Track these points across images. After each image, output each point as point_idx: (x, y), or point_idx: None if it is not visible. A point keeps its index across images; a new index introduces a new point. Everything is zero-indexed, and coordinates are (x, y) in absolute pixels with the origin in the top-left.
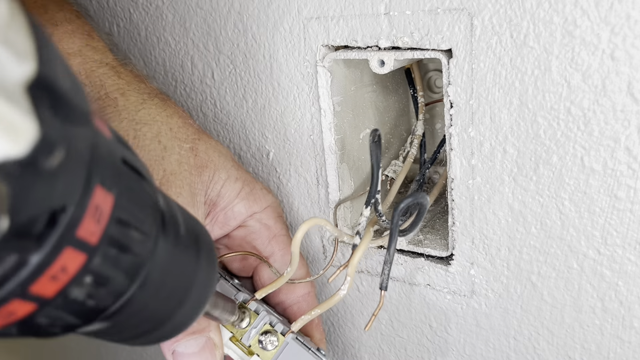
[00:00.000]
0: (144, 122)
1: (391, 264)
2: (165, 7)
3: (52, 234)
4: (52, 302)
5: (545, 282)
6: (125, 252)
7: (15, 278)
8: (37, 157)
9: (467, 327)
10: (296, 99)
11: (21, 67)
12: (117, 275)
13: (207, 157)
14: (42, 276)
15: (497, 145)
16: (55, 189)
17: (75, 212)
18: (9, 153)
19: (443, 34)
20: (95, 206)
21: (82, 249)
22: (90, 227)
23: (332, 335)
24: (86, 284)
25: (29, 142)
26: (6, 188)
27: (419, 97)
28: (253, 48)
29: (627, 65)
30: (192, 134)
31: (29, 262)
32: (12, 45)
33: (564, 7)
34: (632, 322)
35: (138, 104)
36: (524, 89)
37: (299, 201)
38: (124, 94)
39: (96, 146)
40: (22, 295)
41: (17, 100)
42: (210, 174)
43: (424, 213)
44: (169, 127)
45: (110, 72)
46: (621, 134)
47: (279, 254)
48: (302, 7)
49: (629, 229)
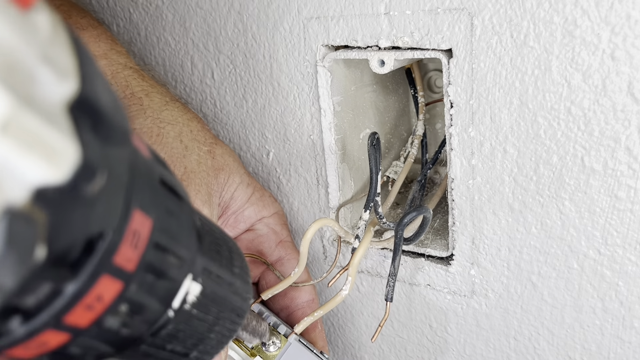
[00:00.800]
0: (167, 121)
1: (396, 276)
2: (165, 7)
3: (89, 262)
4: (86, 332)
5: (545, 282)
6: (162, 278)
7: (49, 308)
8: (78, 183)
9: (467, 327)
10: (296, 99)
11: (63, 87)
12: (152, 303)
13: (223, 160)
14: (77, 306)
15: (497, 145)
16: (93, 216)
17: (113, 238)
18: (50, 179)
19: (443, 33)
20: (134, 231)
21: (119, 276)
22: (128, 253)
23: (333, 335)
24: (121, 313)
25: (70, 168)
26: (45, 216)
27: (420, 97)
28: (253, 48)
29: (628, 65)
30: (210, 138)
31: (65, 291)
32: (53, 63)
33: (564, 7)
34: (632, 322)
35: (162, 104)
36: (524, 88)
37: (299, 201)
38: (148, 94)
39: (135, 167)
40: (56, 325)
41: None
42: (226, 177)
43: (427, 225)
44: (189, 129)
45: (135, 74)
46: (621, 134)
47: (285, 258)
48: (302, 7)
49: (629, 229)
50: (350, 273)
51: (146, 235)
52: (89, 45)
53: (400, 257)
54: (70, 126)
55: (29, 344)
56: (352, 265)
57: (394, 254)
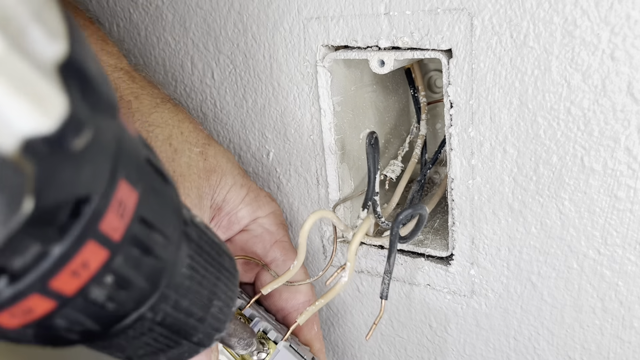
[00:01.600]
0: (156, 124)
1: (391, 273)
2: (165, 7)
3: (75, 224)
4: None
5: (545, 282)
6: (148, 255)
7: (35, 270)
8: (65, 135)
9: (467, 327)
10: (296, 99)
11: (53, 46)
12: (139, 279)
13: (215, 161)
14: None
15: (497, 145)
16: (80, 175)
17: (99, 203)
18: (38, 128)
19: (443, 34)
20: (119, 201)
21: (105, 244)
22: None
23: (332, 335)
24: (107, 285)
25: (58, 118)
26: (33, 168)
27: (421, 97)
28: (253, 48)
29: (627, 65)
30: (202, 139)
31: (51, 253)
32: (45, 23)
33: (564, 7)
34: (632, 322)
35: (151, 107)
36: (524, 89)
37: (299, 201)
38: (138, 97)
39: (122, 140)
40: (42, 290)
41: (49, 75)
42: (218, 179)
43: (423, 222)
44: (180, 131)
45: (125, 76)
46: (621, 134)
47: (280, 259)
48: (302, 7)
49: (628, 229)
50: (348, 259)
51: (132, 207)
52: None
53: (395, 255)
54: (60, 82)
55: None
56: (350, 251)
57: (389, 251)
